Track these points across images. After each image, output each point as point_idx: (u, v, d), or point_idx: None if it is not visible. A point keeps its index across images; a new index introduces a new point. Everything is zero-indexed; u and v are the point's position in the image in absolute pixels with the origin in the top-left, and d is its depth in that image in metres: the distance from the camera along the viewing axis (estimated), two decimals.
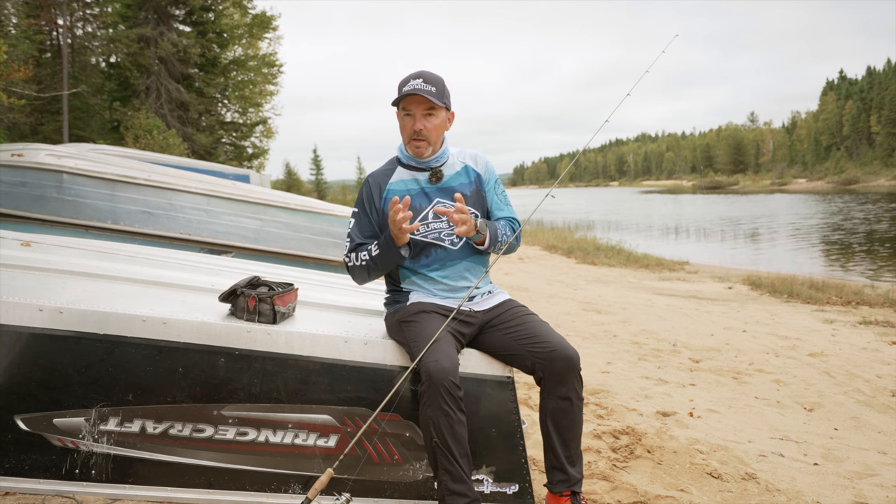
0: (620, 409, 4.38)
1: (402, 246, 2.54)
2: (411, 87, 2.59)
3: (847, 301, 9.27)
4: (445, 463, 2.28)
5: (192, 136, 23.61)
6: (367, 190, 2.73)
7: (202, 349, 2.34)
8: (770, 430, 4.13)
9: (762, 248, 20.98)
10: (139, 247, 3.87)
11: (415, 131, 2.62)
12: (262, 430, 2.37)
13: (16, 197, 6.31)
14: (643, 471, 3.36)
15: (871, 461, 3.63)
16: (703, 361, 5.83)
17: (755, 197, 63.85)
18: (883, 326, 7.39)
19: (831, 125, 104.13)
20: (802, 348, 6.32)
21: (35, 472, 2.28)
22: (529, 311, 2.67)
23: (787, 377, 5.32)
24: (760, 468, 3.42)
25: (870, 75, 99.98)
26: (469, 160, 2.79)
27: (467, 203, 2.68)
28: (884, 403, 4.68)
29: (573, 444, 2.51)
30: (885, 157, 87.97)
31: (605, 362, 5.71)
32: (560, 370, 2.44)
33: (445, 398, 2.25)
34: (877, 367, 5.62)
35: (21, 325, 2.27)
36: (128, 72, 23.00)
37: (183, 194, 6.87)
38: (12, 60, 15.52)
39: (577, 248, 17.29)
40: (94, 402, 2.29)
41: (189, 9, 24.27)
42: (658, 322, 7.65)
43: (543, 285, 10.96)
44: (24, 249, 3.07)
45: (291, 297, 2.59)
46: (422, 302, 2.61)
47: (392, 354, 2.49)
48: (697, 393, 4.90)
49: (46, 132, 21.99)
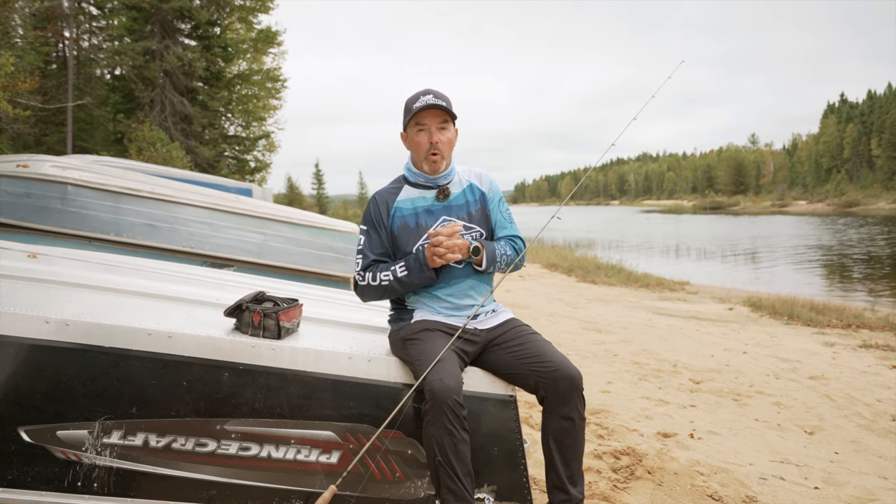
0: (621, 429, 4.37)
1: (433, 269, 2.57)
2: (423, 102, 2.62)
3: (847, 324, 9.27)
4: (448, 481, 2.28)
5: (196, 148, 23.68)
6: (374, 207, 2.74)
7: (207, 363, 2.35)
8: (770, 453, 4.12)
9: (762, 269, 20.97)
10: (144, 260, 3.89)
11: (431, 144, 2.64)
12: (264, 446, 2.37)
13: (20, 208, 6.33)
14: (644, 492, 3.36)
15: (871, 486, 3.62)
16: (703, 383, 5.82)
17: (756, 218, 63.92)
18: (883, 350, 7.39)
19: (832, 148, 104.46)
20: (803, 371, 6.32)
21: (37, 484, 2.28)
22: (533, 330, 2.67)
23: (788, 400, 5.32)
24: (761, 491, 3.42)
25: (870, 99, 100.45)
26: (474, 178, 2.82)
27: (472, 221, 2.70)
28: (884, 428, 4.67)
29: (575, 464, 2.51)
30: (886, 181, 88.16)
31: (606, 382, 5.71)
32: (563, 389, 2.44)
33: (449, 417, 2.25)
34: (877, 391, 5.61)
35: (27, 337, 2.27)
36: (132, 84, 23.10)
37: (186, 207, 6.89)
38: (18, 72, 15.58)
39: (577, 267, 17.30)
40: (98, 415, 2.29)
41: (195, 23, 24.41)
42: (659, 342, 7.64)
43: (544, 303, 10.97)
44: (30, 261, 3.08)
45: (296, 313, 2.60)
46: (426, 320, 2.62)
47: (395, 372, 2.50)
48: (698, 414, 4.90)
49: (50, 143, 22.05)
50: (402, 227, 2.68)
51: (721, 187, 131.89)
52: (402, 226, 2.68)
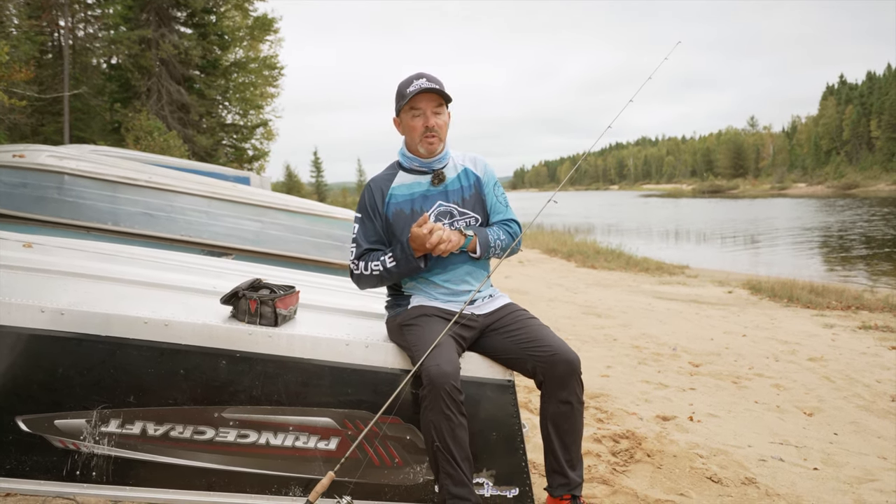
0: (620, 412, 4.38)
1: (419, 258, 2.55)
2: (417, 86, 2.60)
3: (847, 306, 9.27)
4: (447, 466, 2.28)
5: (193, 137, 23.60)
6: (369, 195, 2.72)
7: (204, 351, 2.35)
8: (770, 435, 4.13)
9: (762, 252, 20.98)
10: (140, 249, 3.88)
11: (427, 127, 2.63)
12: (262, 433, 2.37)
13: (17, 198, 6.32)
14: (643, 475, 3.36)
15: (870, 466, 3.63)
16: (703, 366, 5.83)
17: (755, 201, 63.88)
18: (882, 331, 7.39)
19: (831, 130, 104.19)
20: (802, 353, 6.33)
21: (36, 473, 2.28)
22: (530, 314, 2.67)
23: (787, 382, 5.33)
24: (760, 473, 3.43)
25: (870, 80, 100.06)
26: (469, 163, 2.80)
27: (465, 206, 2.69)
28: (883, 408, 4.68)
29: (574, 448, 2.51)
30: (885, 162, 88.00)
31: (605, 366, 5.72)
32: (561, 374, 2.44)
33: (447, 402, 2.25)
34: (876, 371, 5.62)
35: (23, 327, 2.27)
36: (129, 73, 23.00)
37: (184, 196, 6.88)
38: (14, 61, 15.51)
39: (577, 252, 17.30)
40: (96, 404, 2.29)
41: (190, 11, 24.26)
42: (658, 326, 7.65)
43: (543, 289, 10.97)
44: (25, 251, 3.07)
45: (293, 300, 2.60)
46: (423, 305, 2.62)
47: (393, 358, 2.49)
48: (697, 397, 4.90)
49: (47, 133, 21.98)
50: (397, 213, 2.67)
51: (720, 171, 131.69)
52: (398, 212, 2.67)
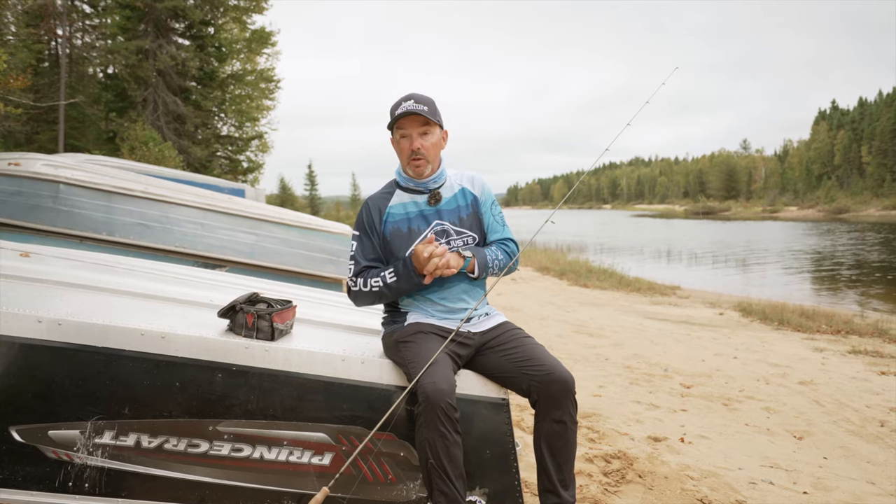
0: (612, 433, 4.39)
1: (421, 274, 2.56)
2: (404, 108, 2.62)
3: (837, 330, 9.32)
4: (441, 484, 2.29)
5: (188, 148, 23.60)
6: (367, 213, 2.74)
7: (200, 364, 2.35)
8: (760, 458, 4.14)
9: (753, 274, 21.07)
10: (137, 260, 3.88)
11: (413, 150, 2.65)
12: (257, 447, 2.37)
13: (11, 206, 6.30)
14: (634, 495, 3.37)
15: (859, 491, 3.65)
16: (694, 387, 5.85)
17: (747, 223, 64.19)
18: (872, 356, 7.44)
19: (823, 154, 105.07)
20: (792, 376, 6.35)
21: (28, 483, 2.27)
22: (526, 333, 2.68)
23: (778, 405, 5.35)
24: (750, 496, 3.44)
25: (861, 106, 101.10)
26: (466, 182, 2.81)
27: (462, 226, 2.71)
28: (872, 433, 4.70)
29: (567, 468, 2.52)
30: (876, 188, 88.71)
31: (597, 385, 5.73)
32: (555, 393, 2.45)
33: (442, 419, 2.26)
34: (866, 396, 5.65)
35: (19, 336, 2.26)
36: (125, 83, 23.01)
37: (179, 207, 6.88)
38: (10, 69, 15.53)
39: (569, 270, 17.34)
40: (90, 415, 2.29)
41: (189, 22, 24.34)
42: (650, 346, 7.67)
43: (536, 307, 10.98)
44: (23, 260, 3.07)
45: (290, 315, 2.60)
46: (419, 322, 2.63)
47: (388, 374, 2.50)
48: (688, 419, 4.92)
49: (42, 141, 21.95)
50: (394, 232, 2.69)
51: (713, 192, 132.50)
52: (395, 231, 2.69)
